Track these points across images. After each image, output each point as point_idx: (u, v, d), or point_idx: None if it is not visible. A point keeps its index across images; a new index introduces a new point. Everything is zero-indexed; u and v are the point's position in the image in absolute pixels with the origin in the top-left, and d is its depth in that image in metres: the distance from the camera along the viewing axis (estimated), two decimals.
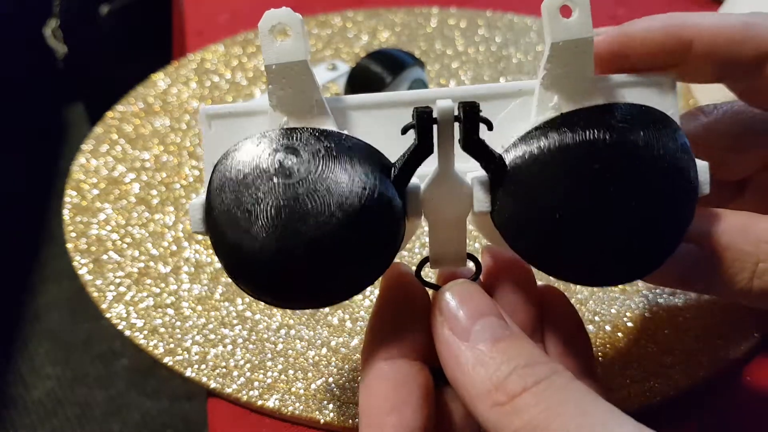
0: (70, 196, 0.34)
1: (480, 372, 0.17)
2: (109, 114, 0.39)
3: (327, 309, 0.28)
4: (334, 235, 0.17)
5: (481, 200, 0.18)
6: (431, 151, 0.18)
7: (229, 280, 0.30)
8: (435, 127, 0.17)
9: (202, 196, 0.19)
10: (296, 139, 0.18)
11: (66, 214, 0.34)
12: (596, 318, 0.28)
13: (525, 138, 0.18)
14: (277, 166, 0.18)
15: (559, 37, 0.18)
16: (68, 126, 1.18)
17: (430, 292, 0.20)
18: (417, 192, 0.19)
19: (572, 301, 0.21)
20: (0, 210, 1.04)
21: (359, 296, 0.29)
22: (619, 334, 0.27)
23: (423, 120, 0.17)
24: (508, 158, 0.18)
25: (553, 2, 0.18)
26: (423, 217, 0.19)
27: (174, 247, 0.32)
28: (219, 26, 0.48)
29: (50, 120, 1.19)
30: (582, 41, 0.18)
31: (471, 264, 0.21)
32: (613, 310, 0.28)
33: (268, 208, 0.17)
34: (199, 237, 0.32)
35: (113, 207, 0.34)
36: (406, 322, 0.19)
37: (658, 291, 0.29)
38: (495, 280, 0.21)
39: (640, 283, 0.29)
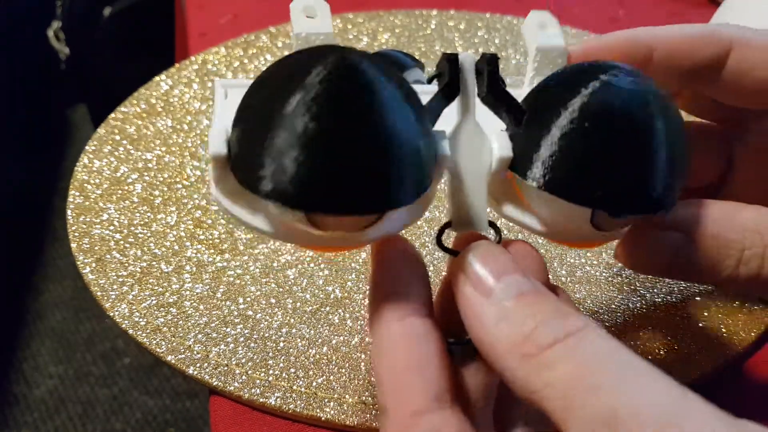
0: (74, 196, 0.35)
1: (504, 328, 0.16)
2: (112, 115, 0.40)
3: (327, 308, 0.29)
4: (380, 159, 0.16)
5: (504, 146, 0.20)
6: (458, 92, 0.20)
7: (231, 278, 0.30)
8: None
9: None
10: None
11: (69, 214, 0.34)
12: (593, 317, 0.28)
13: (537, 87, 0.21)
14: (321, 79, 0.16)
15: (541, 44, 0.22)
16: (71, 127, 1.18)
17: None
18: (443, 134, 0.19)
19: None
20: (4, 210, 1.04)
21: (359, 296, 0.29)
22: (616, 333, 0.27)
23: (451, 62, 0.20)
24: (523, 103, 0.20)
25: (533, 20, 0.22)
26: (444, 174, 0.20)
27: (176, 247, 0.32)
28: (221, 28, 0.48)
29: (53, 121, 1.20)
30: (557, 48, 0.22)
31: (491, 232, 0.21)
32: (610, 310, 0.28)
33: (308, 126, 0.16)
34: (201, 237, 0.32)
35: (116, 207, 0.34)
36: (408, 280, 0.18)
37: (655, 290, 0.29)
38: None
39: (637, 283, 0.29)
